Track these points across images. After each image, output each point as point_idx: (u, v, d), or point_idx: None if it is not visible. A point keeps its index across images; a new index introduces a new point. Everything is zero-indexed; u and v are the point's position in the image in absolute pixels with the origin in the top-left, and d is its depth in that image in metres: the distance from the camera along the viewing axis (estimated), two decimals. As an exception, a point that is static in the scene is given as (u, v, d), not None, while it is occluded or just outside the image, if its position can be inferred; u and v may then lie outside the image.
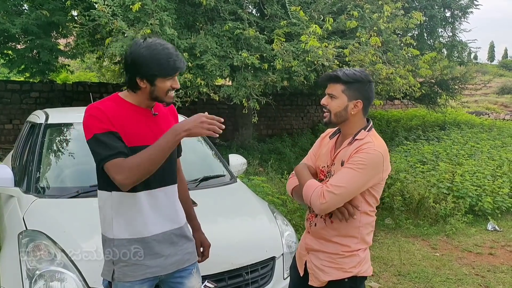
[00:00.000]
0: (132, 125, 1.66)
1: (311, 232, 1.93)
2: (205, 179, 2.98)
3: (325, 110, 1.84)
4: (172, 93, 1.69)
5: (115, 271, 1.68)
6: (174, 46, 1.69)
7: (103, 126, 1.60)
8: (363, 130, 1.81)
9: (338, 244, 1.82)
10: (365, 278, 1.90)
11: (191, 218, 1.99)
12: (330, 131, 2.00)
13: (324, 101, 1.83)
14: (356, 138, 1.80)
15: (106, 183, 1.67)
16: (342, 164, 1.79)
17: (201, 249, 1.98)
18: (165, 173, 1.74)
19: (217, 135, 1.60)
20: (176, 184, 1.84)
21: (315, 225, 1.90)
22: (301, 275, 1.98)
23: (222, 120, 1.61)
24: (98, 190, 1.74)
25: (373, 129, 1.85)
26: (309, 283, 1.92)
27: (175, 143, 1.60)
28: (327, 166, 1.89)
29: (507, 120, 16.39)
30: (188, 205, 2.00)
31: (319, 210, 1.73)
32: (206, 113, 1.62)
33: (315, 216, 1.90)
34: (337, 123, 1.84)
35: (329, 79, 1.82)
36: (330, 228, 1.84)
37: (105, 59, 9.81)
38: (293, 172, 1.99)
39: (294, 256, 2.08)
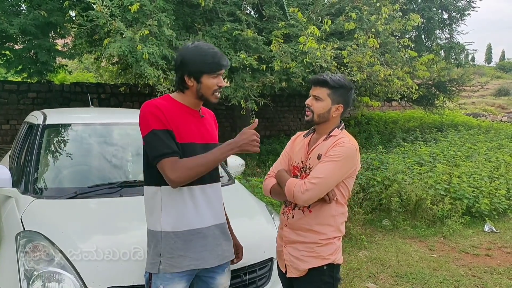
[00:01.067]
0: (184, 123, 1.79)
1: (288, 225, 2.02)
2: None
3: (308, 110, 1.98)
4: (218, 93, 1.81)
5: (161, 263, 1.76)
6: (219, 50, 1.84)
7: (161, 123, 1.72)
8: (336, 128, 1.99)
9: (316, 233, 1.93)
10: (339, 266, 2.01)
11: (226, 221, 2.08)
12: (301, 132, 2.16)
13: (309, 101, 1.98)
14: (331, 135, 1.97)
15: (154, 178, 1.78)
16: (318, 158, 1.92)
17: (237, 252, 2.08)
18: (214, 171, 1.87)
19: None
20: (220, 182, 1.97)
21: (293, 217, 1.99)
22: (284, 272, 2.05)
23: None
24: (144, 186, 1.83)
25: (344, 128, 2.03)
26: (288, 275, 2.01)
27: (228, 155, 1.77)
28: (302, 161, 2.02)
29: (504, 122, 16.44)
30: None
31: (302, 201, 1.86)
32: (254, 128, 1.77)
33: (293, 209, 2.00)
34: (318, 122, 1.99)
35: (317, 82, 1.97)
36: (308, 218, 1.94)
37: (103, 60, 9.79)
38: (268, 173, 2.13)
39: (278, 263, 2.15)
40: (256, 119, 1.91)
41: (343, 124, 2.04)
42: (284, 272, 2.05)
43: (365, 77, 6.41)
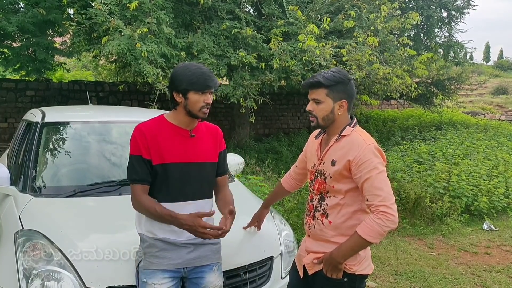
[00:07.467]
0: (168, 143, 1.88)
1: (311, 235, 1.96)
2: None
3: (311, 115, 1.87)
4: (205, 109, 1.89)
5: (143, 260, 1.90)
6: (210, 70, 1.92)
7: (137, 148, 1.86)
8: (348, 126, 1.85)
9: (338, 244, 1.82)
10: (365, 277, 1.90)
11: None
12: (315, 132, 2.05)
13: (309, 107, 1.87)
14: (342, 134, 1.83)
15: None
16: (332, 164, 1.81)
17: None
18: (196, 190, 1.94)
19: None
20: (210, 199, 2.02)
21: (314, 227, 1.92)
22: (301, 277, 1.99)
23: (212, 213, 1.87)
24: None
25: (357, 125, 1.88)
26: (310, 272, 1.93)
27: (168, 223, 1.83)
28: (315, 165, 1.94)
29: (503, 120, 16.46)
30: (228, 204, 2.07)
31: (396, 225, 1.72)
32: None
33: (313, 219, 1.93)
34: (325, 126, 1.87)
35: (311, 85, 1.85)
36: (328, 229, 1.86)
37: (101, 58, 9.76)
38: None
39: (294, 260, 2.11)
40: (214, 210, 1.91)
41: (355, 120, 1.89)
42: (301, 278, 2.00)
43: (364, 76, 6.41)
